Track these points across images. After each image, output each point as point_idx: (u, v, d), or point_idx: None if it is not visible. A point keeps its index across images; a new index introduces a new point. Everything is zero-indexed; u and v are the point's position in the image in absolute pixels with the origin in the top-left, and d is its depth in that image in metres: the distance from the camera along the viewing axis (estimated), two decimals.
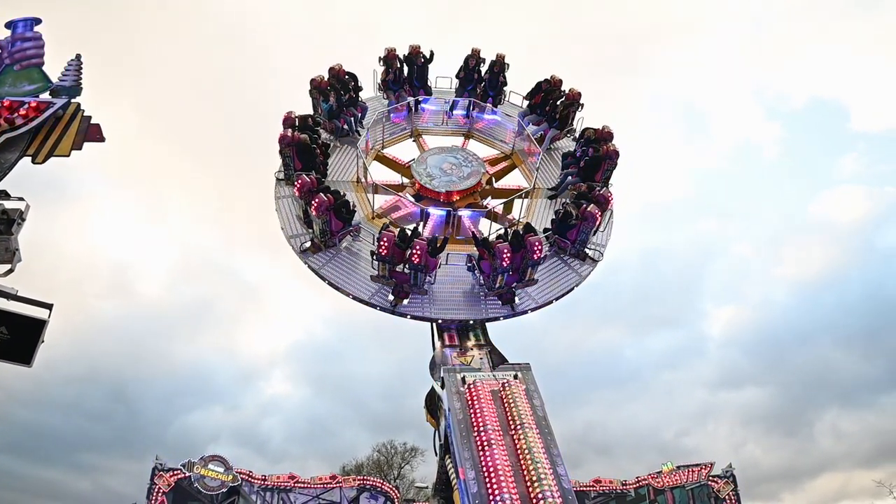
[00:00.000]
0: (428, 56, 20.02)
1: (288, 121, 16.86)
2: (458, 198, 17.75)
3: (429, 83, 20.34)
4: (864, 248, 57.24)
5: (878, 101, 68.02)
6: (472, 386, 13.30)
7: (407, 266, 14.76)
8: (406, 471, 39.46)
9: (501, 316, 15.52)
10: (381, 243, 14.53)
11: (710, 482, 28.30)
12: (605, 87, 58.46)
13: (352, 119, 18.81)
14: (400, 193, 18.17)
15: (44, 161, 9.26)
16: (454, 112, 20.22)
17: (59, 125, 9.60)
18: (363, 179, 17.81)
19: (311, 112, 18.43)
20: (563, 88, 19.30)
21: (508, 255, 14.74)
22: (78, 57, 10.29)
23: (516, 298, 15.51)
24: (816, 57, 66.52)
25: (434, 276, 15.10)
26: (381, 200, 17.81)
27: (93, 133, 9.57)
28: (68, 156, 9.42)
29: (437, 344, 15.61)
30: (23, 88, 9.93)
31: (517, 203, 18.28)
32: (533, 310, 15.71)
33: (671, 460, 29.81)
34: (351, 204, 16.11)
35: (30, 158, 9.30)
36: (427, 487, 29.96)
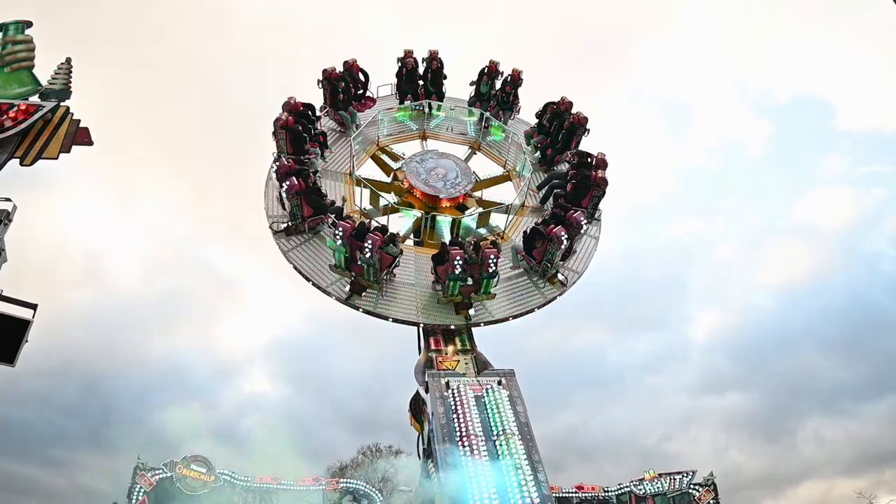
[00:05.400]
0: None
1: (283, 168, 15.68)
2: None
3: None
4: (849, 253, 57.25)
5: (864, 98, 67.82)
6: (455, 391, 13.42)
7: (473, 277, 14.84)
8: (390, 474, 39.40)
9: (558, 295, 16.09)
10: (455, 262, 14.50)
11: (691, 490, 28.65)
12: (584, 80, 58.26)
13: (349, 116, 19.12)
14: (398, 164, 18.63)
15: (32, 163, 9.32)
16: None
17: (47, 128, 9.66)
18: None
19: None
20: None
21: (566, 235, 15.30)
22: (68, 60, 10.34)
23: (560, 275, 16.09)
24: (802, 52, 66.19)
25: (497, 280, 15.24)
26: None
27: (81, 136, 9.65)
28: (56, 158, 9.48)
29: (423, 348, 15.72)
30: (12, 91, 9.98)
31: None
32: (577, 280, 16.53)
33: (653, 467, 30.17)
34: (397, 236, 15.80)
35: (18, 160, 9.34)
36: (411, 491, 29.99)
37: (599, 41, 62.94)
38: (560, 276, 16.20)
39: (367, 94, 19.94)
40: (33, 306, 8.72)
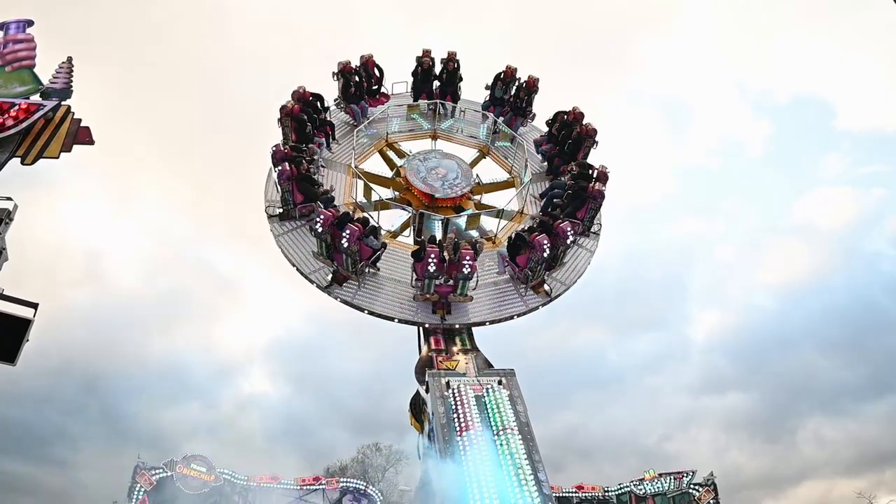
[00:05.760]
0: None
1: (279, 154, 15.86)
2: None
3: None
4: (849, 253, 57.37)
5: (864, 98, 68.18)
6: (456, 390, 13.42)
7: (451, 277, 14.82)
8: (391, 474, 39.42)
9: (540, 304, 15.97)
10: (430, 259, 14.51)
11: (691, 490, 28.67)
12: (584, 80, 58.10)
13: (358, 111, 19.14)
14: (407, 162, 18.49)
15: (33, 162, 9.34)
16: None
17: (49, 127, 9.69)
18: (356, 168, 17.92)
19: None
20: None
21: (548, 244, 15.21)
22: (69, 60, 10.36)
23: (546, 285, 16.00)
24: (802, 52, 66.41)
25: (476, 281, 15.19)
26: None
27: (82, 136, 9.67)
28: (57, 158, 9.50)
29: (423, 348, 15.72)
30: (14, 90, 10.01)
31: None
32: (563, 293, 16.36)
33: (653, 467, 30.19)
34: (379, 229, 15.86)
35: (19, 160, 9.36)
36: (411, 491, 30.03)
37: (599, 41, 63.08)
38: (546, 286, 16.08)
39: (382, 90, 19.93)
40: (34, 305, 8.70)
